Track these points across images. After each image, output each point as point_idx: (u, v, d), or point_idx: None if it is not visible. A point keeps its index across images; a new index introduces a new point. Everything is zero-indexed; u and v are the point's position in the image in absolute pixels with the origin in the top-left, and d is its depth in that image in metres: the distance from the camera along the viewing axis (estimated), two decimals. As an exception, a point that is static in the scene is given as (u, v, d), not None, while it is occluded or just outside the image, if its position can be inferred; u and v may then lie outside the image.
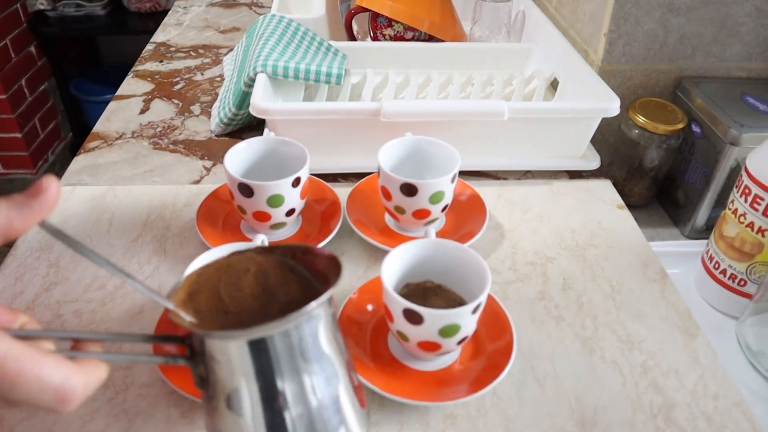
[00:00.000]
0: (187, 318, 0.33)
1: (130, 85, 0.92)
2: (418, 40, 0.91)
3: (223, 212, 0.63)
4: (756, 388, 0.59)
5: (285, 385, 0.31)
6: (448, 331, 0.45)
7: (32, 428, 0.46)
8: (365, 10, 0.89)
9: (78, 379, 0.28)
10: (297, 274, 0.37)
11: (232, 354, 0.31)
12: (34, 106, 2.21)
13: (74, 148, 2.45)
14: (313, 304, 0.30)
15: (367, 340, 0.51)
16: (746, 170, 0.60)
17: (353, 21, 0.95)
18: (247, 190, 0.56)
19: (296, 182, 0.57)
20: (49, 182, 0.30)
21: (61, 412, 0.28)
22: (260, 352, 0.31)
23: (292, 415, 0.32)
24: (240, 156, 0.60)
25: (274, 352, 0.31)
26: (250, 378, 0.31)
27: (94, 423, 0.46)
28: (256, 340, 0.30)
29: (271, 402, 0.31)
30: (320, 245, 0.59)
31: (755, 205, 0.59)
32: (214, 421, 0.33)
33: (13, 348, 0.27)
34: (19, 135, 2.13)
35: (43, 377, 0.27)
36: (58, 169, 2.36)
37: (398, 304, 0.45)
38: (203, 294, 0.36)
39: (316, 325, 0.32)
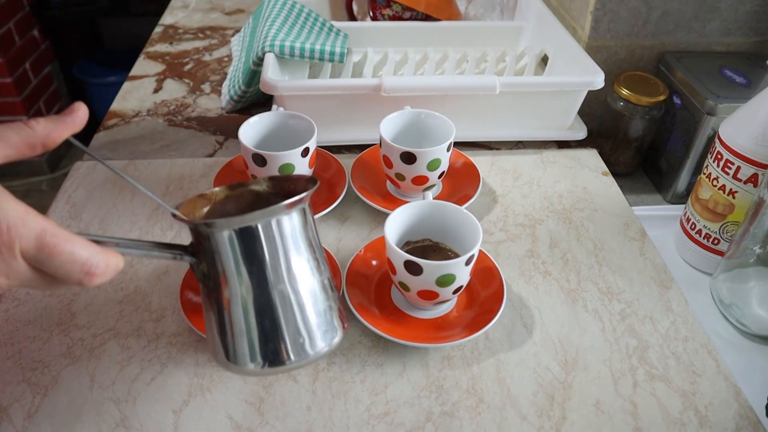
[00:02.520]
0: (186, 218, 0.38)
1: (142, 66, 0.96)
2: (415, 19, 0.96)
3: (237, 182, 0.68)
4: (727, 337, 0.65)
5: (270, 272, 0.36)
6: (444, 281, 0.51)
7: (77, 371, 0.52)
8: (365, -9, 0.94)
9: (102, 257, 0.32)
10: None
11: (226, 245, 0.36)
12: (39, 89, 2.25)
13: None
14: (288, 200, 0.35)
15: (372, 291, 0.57)
16: (719, 137, 0.65)
17: (353, 2, 0.99)
18: (260, 160, 0.61)
19: (305, 152, 0.62)
20: (79, 105, 0.36)
21: (85, 286, 0.33)
22: (249, 240, 0.36)
23: (277, 298, 0.37)
24: (253, 129, 0.65)
25: (260, 242, 0.36)
26: (241, 264, 0.36)
27: (130, 367, 0.52)
28: (244, 229, 0.35)
29: (261, 286, 0.36)
30: (327, 210, 0.65)
31: (726, 169, 0.64)
32: (213, 312, 0.38)
33: (49, 224, 0.31)
34: (24, 118, 2.17)
35: (74, 251, 0.31)
36: (63, 151, 2.41)
37: (400, 256, 0.50)
38: (206, 208, 0.42)
39: (294, 225, 0.37)
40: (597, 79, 0.73)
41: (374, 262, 0.59)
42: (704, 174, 0.68)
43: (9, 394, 0.50)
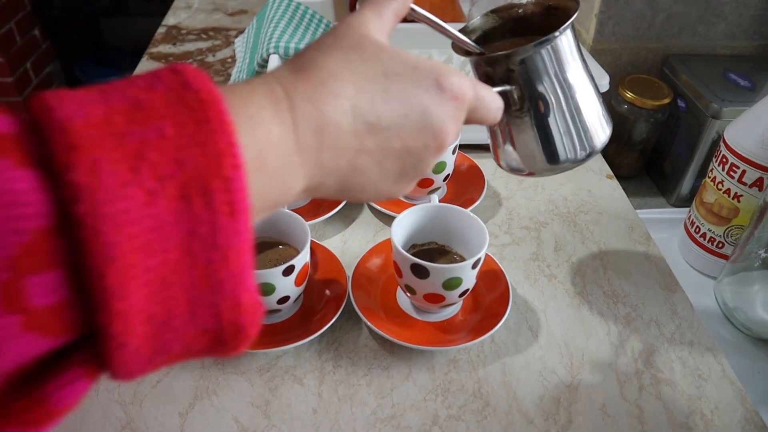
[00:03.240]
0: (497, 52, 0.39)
1: (145, 66, 0.96)
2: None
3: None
4: (731, 340, 0.65)
5: (575, 75, 0.40)
6: (451, 284, 0.50)
7: (82, 373, 0.51)
8: (369, -8, 0.94)
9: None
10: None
11: (546, 61, 0.39)
12: (40, 88, 2.25)
13: (79, 130, 2.49)
14: (567, 24, 0.37)
15: (378, 294, 0.57)
16: (724, 141, 0.65)
17: (357, 3, 0.99)
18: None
19: (310, 154, 0.62)
20: None
21: (494, 122, 0.35)
22: (555, 54, 0.38)
23: (583, 95, 0.40)
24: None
25: (563, 53, 0.39)
26: (558, 73, 0.39)
27: (136, 369, 0.52)
28: (544, 47, 0.38)
29: (571, 89, 0.40)
30: (331, 213, 0.65)
31: (731, 173, 0.64)
32: (534, 127, 0.40)
33: (466, 78, 0.32)
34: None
35: (487, 92, 0.33)
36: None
37: (407, 260, 0.50)
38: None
39: (573, 35, 0.39)
40: (602, 83, 0.73)
41: (380, 265, 0.59)
42: (709, 178, 0.68)
43: (14, 396, 0.49)
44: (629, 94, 0.78)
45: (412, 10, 0.35)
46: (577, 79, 0.40)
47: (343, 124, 0.27)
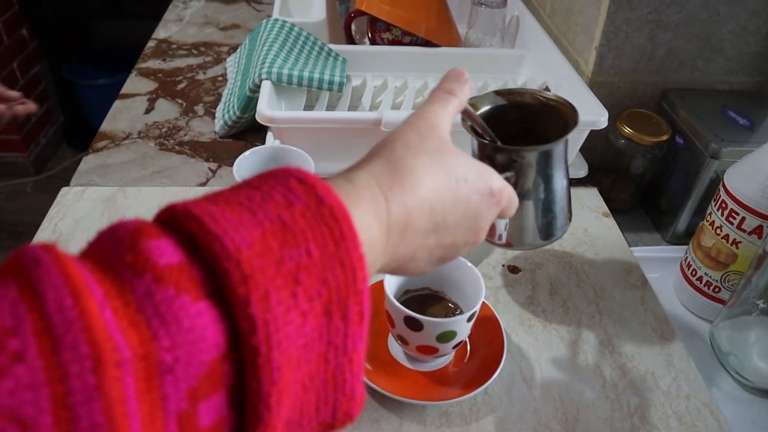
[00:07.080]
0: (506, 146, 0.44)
1: (134, 83, 0.94)
2: (415, 44, 0.94)
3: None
4: (725, 387, 0.64)
5: (557, 175, 0.46)
6: (445, 337, 0.49)
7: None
8: (364, 13, 0.92)
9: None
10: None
11: (532, 161, 0.45)
12: (27, 89, 2.21)
13: (66, 132, 2.45)
14: (567, 135, 0.44)
15: (369, 341, 0.55)
16: (724, 185, 0.64)
17: (352, 23, 0.97)
18: (255, 198, 0.59)
19: (302, 191, 0.60)
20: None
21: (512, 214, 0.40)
22: (549, 156, 0.45)
23: (560, 192, 0.47)
24: (247, 164, 0.63)
25: (555, 157, 0.45)
26: (539, 174, 0.45)
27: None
28: (546, 151, 0.44)
29: (553, 185, 0.46)
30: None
31: (731, 219, 0.63)
32: (519, 212, 0.45)
33: (506, 183, 0.37)
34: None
35: (514, 194, 0.38)
36: (50, 152, 2.36)
37: (400, 312, 0.48)
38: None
39: (563, 150, 0.46)
40: (601, 119, 0.72)
41: (371, 310, 0.57)
42: (707, 221, 0.66)
43: None
44: (627, 130, 0.77)
45: (465, 109, 0.39)
46: (561, 176, 0.47)
47: (421, 226, 0.32)
